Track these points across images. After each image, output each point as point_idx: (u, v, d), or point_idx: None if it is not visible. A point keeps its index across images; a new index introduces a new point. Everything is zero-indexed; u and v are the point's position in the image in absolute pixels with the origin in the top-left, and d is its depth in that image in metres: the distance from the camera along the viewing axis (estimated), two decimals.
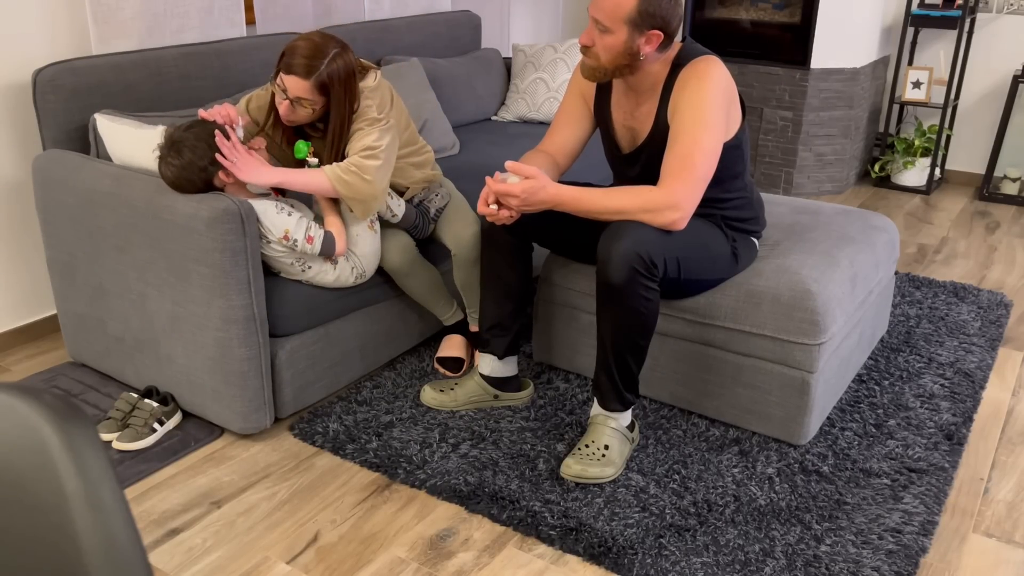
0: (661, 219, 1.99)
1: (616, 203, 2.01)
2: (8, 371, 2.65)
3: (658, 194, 1.99)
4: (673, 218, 1.99)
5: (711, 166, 2.00)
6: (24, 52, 2.58)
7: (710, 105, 2.00)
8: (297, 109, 2.18)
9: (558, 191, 2.02)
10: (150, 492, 2.10)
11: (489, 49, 3.95)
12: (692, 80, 2.02)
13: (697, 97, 2.00)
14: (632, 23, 1.97)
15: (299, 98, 2.15)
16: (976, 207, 4.33)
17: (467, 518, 2.01)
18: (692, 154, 1.98)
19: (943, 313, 3.03)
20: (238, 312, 2.11)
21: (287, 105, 2.17)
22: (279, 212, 2.16)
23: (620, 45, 2.00)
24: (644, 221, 2.01)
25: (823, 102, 4.29)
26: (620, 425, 2.16)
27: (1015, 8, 4.33)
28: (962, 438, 2.30)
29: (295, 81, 2.12)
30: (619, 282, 2.00)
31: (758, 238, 2.33)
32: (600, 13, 1.99)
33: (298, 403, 2.35)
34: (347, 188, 2.17)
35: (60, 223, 2.38)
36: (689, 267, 2.11)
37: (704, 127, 1.99)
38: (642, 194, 2.00)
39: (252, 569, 1.85)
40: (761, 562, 1.86)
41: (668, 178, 2.00)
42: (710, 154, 1.99)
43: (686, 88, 2.02)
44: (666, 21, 1.99)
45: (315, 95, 2.15)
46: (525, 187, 1.99)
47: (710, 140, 1.99)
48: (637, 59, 2.03)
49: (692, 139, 1.99)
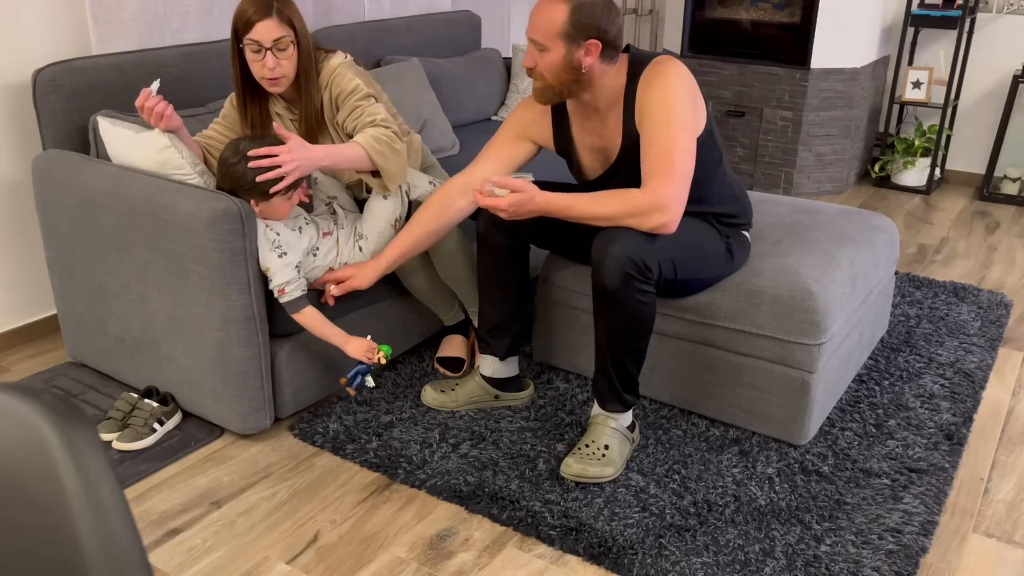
0: (649, 223, 1.97)
1: (604, 209, 1.99)
2: (8, 371, 2.65)
3: (644, 198, 1.96)
4: (662, 221, 1.96)
5: (691, 163, 1.99)
6: (24, 52, 2.58)
7: (678, 103, 1.99)
8: (280, 57, 2.16)
9: (547, 201, 2.01)
10: (150, 492, 2.10)
11: (489, 49, 3.95)
12: (655, 81, 2.01)
13: (664, 97, 1.99)
14: (567, 37, 1.96)
15: (276, 40, 2.14)
16: (976, 207, 4.33)
17: (467, 518, 2.01)
18: (670, 154, 1.96)
19: (943, 313, 3.03)
20: (238, 312, 2.11)
21: (270, 58, 2.15)
22: (272, 249, 2.13)
23: (560, 61, 1.99)
24: (632, 226, 1.99)
25: (823, 102, 4.29)
26: (620, 425, 2.17)
27: (1015, 8, 4.33)
28: (962, 438, 2.30)
29: (264, 25, 2.12)
30: (613, 286, 2.00)
31: (747, 231, 2.33)
32: (535, 33, 1.99)
33: (298, 403, 2.35)
34: (382, 158, 2.18)
35: (60, 223, 2.38)
36: (684, 267, 2.11)
37: (677, 126, 1.98)
38: (629, 199, 1.98)
39: (252, 569, 1.85)
40: (761, 562, 1.86)
41: (651, 181, 1.97)
42: (688, 152, 1.98)
43: (650, 90, 2.01)
44: (602, 30, 1.98)
45: (286, 29, 2.15)
46: (512, 200, 1.98)
47: (685, 138, 1.98)
48: (581, 73, 2.01)
49: (667, 139, 1.97)
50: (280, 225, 2.17)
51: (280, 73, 2.18)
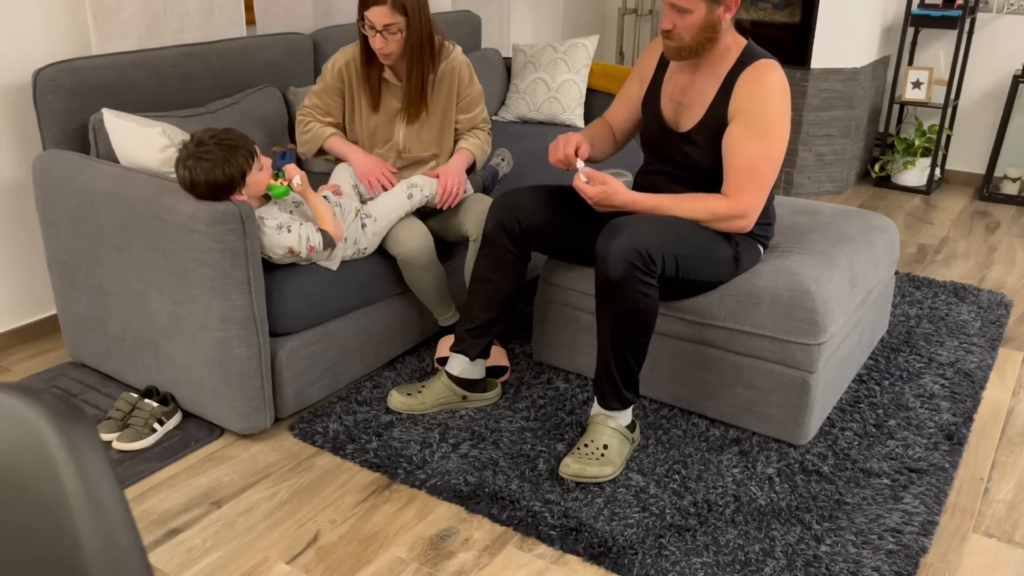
0: (729, 226, 2.14)
1: (689, 213, 2.13)
2: (8, 371, 2.65)
3: (727, 205, 2.11)
4: (741, 225, 2.14)
5: (775, 175, 2.11)
6: (24, 52, 2.58)
7: (777, 115, 2.07)
8: (389, 38, 2.41)
9: (632, 199, 2.13)
10: (150, 492, 2.10)
11: (489, 49, 3.95)
12: (761, 84, 2.08)
13: (764, 105, 2.07)
14: None
15: (386, 25, 2.38)
16: (976, 207, 4.33)
17: (467, 518, 2.01)
18: (758, 165, 2.08)
19: (943, 313, 3.03)
20: (238, 312, 2.11)
21: (380, 39, 2.41)
22: (279, 232, 2.19)
23: (701, 20, 2.06)
24: (712, 227, 2.14)
25: (823, 102, 4.29)
26: (620, 425, 2.16)
27: (1015, 8, 4.33)
28: (962, 438, 2.30)
29: (378, 10, 2.36)
30: (617, 277, 2.01)
31: (764, 246, 2.33)
32: None
33: (298, 403, 2.35)
34: (482, 154, 2.69)
35: (60, 223, 2.38)
36: (688, 266, 2.12)
37: (771, 138, 2.07)
38: (711, 206, 2.12)
39: (252, 569, 1.85)
40: (761, 562, 1.86)
41: (735, 189, 2.10)
42: (775, 163, 2.10)
43: (754, 88, 2.08)
44: None
45: (397, 17, 2.39)
46: (598, 192, 2.11)
47: (776, 150, 2.08)
48: (717, 30, 2.09)
49: (759, 149, 2.07)
50: (274, 210, 2.24)
51: (388, 51, 2.44)
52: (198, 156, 2.08)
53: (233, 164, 2.10)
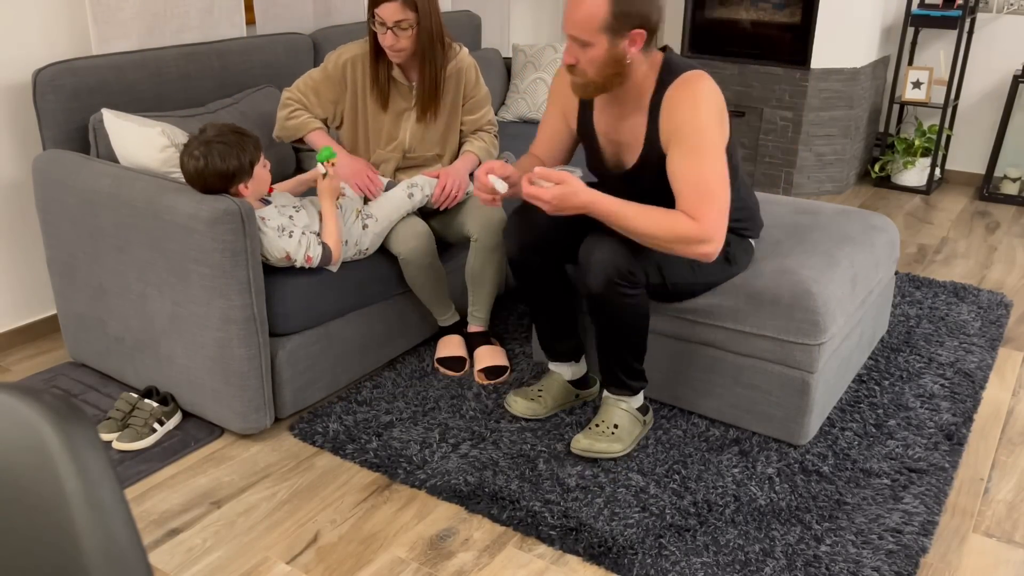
0: (694, 251, 1.92)
1: (651, 228, 1.92)
2: (8, 371, 2.65)
3: (692, 229, 1.90)
4: (707, 251, 1.92)
5: (727, 187, 1.94)
6: (24, 52, 2.58)
7: (713, 127, 1.93)
8: (399, 35, 2.39)
9: (592, 199, 1.92)
10: (150, 492, 2.10)
11: (489, 49, 3.95)
12: (687, 101, 1.93)
13: (696, 120, 1.92)
14: (610, 30, 1.87)
15: (397, 21, 2.36)
16: (976, 207, 4.33)
17: (467, 518, 2.01)
18: (708, 182, 1.91)
19: (943, 313, 3.03)
20: (238, 312, 2.11)
21: (391, 35, 2.39)
22: (280, 235, 2.19)
23: (603, 55, 1.90)
24: (675, 252, 1.94)
25: (823, 102, 4.29)
26: (631, 407, 2.20)
27: (1015, 8, 4.33)
28: (962, 438, 2.30)
29: (389, 7, 2.35)
30: (599, 291, 2.02)
31: (754, 239, 2.32)
32: (575, 29, 1.89)
33: (298, 403, 2.35)
34: (488, 157, 2.67)
35: (60, 223, 2.38)
36: (672, 272, 2.11)
37: (706, 151, 1.92)
38: (677, 225, 1.91)
39: (252, 569, 1.85)
40: (761, 562, 1.86)
41: (692, 211, 1.91)
42: (723, 176, 1.93)
43: (679, 109, 1.94)
44: (645, 17, 1.88)
45: (408, 13, 2.37)
46: (555, 193, 1.90)
47: (716, 160, 1.92)
48: (624, 64, 1.94)
49: (705, 167, 1.91)
50: (274, 212, 2.22)
51: (399, 48, 2.42)
52: (212, 142, 2.11)
53: (246, 151, 2.14)
